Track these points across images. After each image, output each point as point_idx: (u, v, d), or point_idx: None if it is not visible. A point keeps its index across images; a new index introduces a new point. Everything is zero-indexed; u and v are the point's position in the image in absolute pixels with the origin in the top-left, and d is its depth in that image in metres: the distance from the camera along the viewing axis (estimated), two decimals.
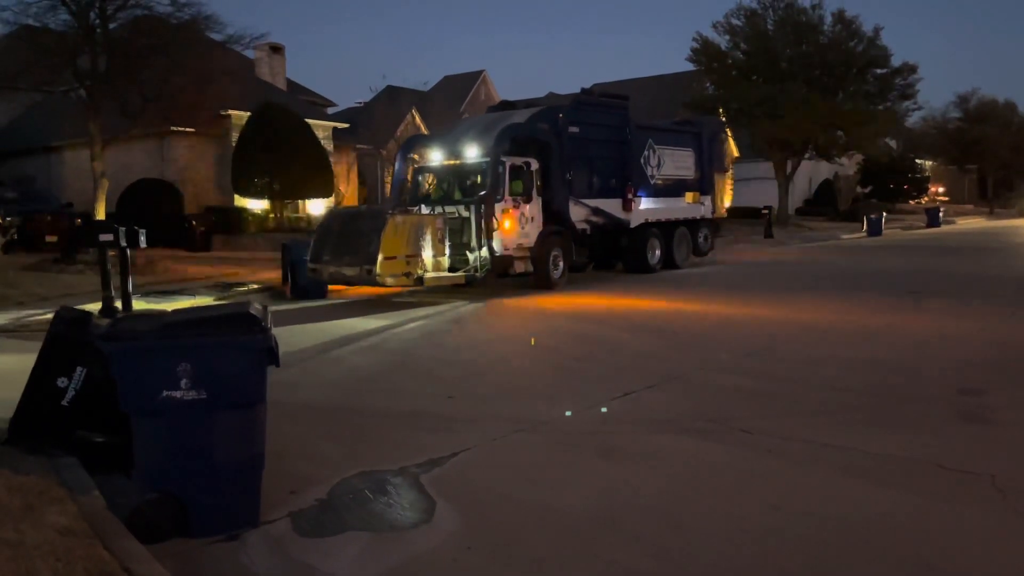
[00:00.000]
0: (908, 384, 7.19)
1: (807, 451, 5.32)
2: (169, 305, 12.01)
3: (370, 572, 3.74)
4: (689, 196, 19.64)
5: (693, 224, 19.84)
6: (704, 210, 20.20)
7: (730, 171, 23.25)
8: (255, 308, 4.33)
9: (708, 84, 38.09)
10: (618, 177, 17.38)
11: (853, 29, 36.61)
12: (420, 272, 12.92)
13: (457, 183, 15.38)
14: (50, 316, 5.30)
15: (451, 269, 13.70)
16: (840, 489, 4.65)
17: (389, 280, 12.60)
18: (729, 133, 41.06)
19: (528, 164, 15.04)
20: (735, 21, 36.93)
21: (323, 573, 3.73)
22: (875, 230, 33.23)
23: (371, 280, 12.49)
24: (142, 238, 11.79)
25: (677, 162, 19.38)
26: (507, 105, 18.63)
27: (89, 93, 18.99)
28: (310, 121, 26.40)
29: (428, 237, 13.13)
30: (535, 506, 4.46)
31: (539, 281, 15.00)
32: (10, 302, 12.52)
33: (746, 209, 36.68)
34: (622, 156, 17.52)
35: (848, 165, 47.61)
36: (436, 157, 15.75)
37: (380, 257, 12.34)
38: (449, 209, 14.32)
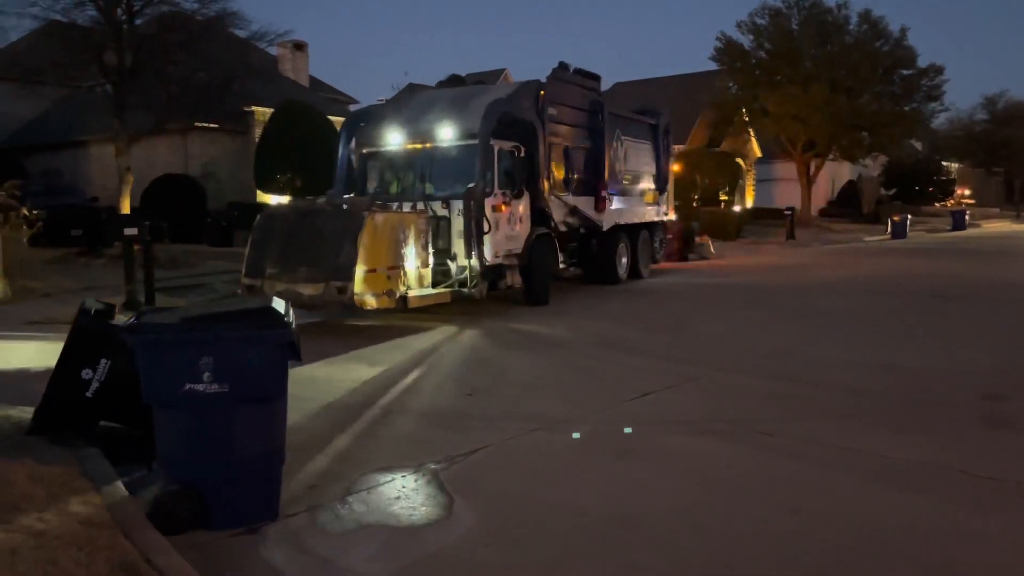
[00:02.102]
0: (931, 388, 7.11)
1: (828, 454, 5.28)
2: (191, 299, 12.12)
3: (388, 568, 3.75)
4: (649, 196, 17.53)
5: (652, 228, 17.68)
6: (661, 212, 18.17)
7: (752, 171, 22.23)
8: (277, 302, 4.36)
9: (731, 84, 37.83)
10: (590, 171, 14.81)
11: (879, 29, 36.21)
12: (403, 289, 10.03)
13: (425, 172, 12.28)
14: (75, 309, 5.36)
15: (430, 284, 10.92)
16: (861, 493, 4.60)
17: (369, 301, 9.54)
18: (752, 133, 40.91)
19: (518, 150, 12.28)
20: (759, 20, 36.65)
21: (341, 568, 3.75)
22: (899, 233, 32.88)
23: (343, 301, 9.44)
24: (165, 233, 11.90)
25: (639, 156, 17.03)
26: (458, 80, 15.47)
27: (115, 88, 19.19)
28: (332, 118, 26.52)
29: (411, 242, 10.27)
30: (553, 505, 4.46)
31: (532, 296, 12.44)
32: (36, 294, 12.69)
33: (768, 210, 36.50)
34: (595, 146, 14.91)
35: (872, 167, 47.17)
36: (394, 139, 12.44)
37: (360, 270, 9.40)
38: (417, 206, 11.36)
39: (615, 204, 15.50)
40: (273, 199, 25.67)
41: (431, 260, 10.78)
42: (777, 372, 7.79)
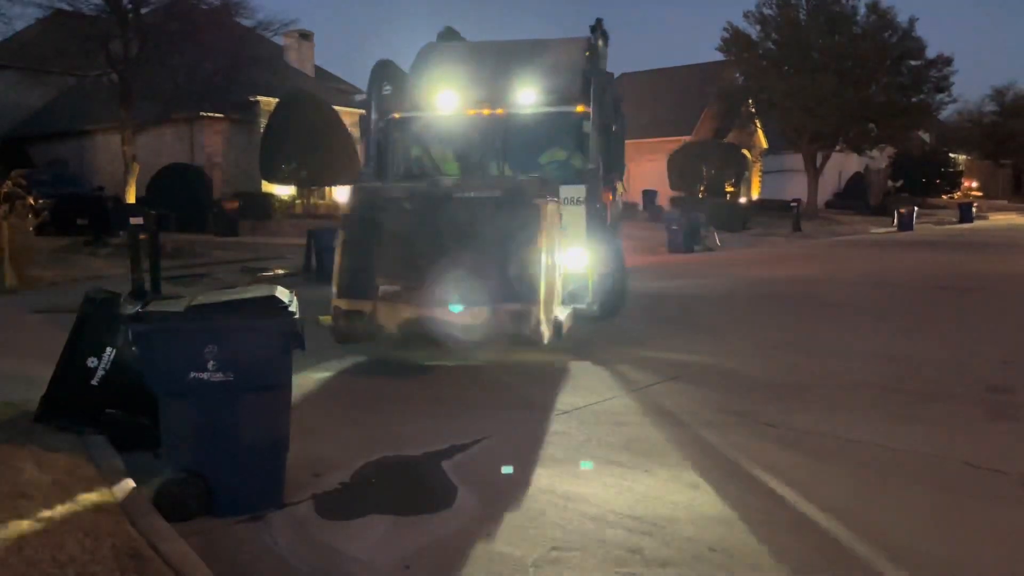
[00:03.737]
0: (936, 380, 7.10)
1: (832, 446, 5.28)
2: (197, 289, 12.16)
3: (392, 555, 3.76)
4: (620, 187, 14.86)
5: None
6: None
7: (758, 162, 21.30)
8: (281, 292, 4.37)
9: (738, 74, 37.69)
10: (604, 156, 11.69)
11: (887, 20, 36.02)
12: (556, 312, 7.21)
13: (494, 147, 9.12)
14: (81, 297, 5.38)
15: None
16: (864, 484, 4.61)
17: (545, 331, 6.70)
18: (759, 124, 40.75)
19: (609, 124, 9.49)
20: (767, 11, 36.48)
21: (345, 555, 3.77)
22: (906, 225, 32.76)
23: (522, 334, 6.63)
24: (171, 222, 11.88)
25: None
26: (454, 33, 11.64)
27: (121, 78, 19.23)
28: (338, 108, 26.54)
29: (557, 242, 7.43)
30: (555, 494, 4.47)
31: (614, 307, 9.58)
32: (42, 283, 12.74)
33: (775, 202, 36.39)
34: (604, 127, 11.90)
35: (879, 158, 46.96)
36: (442, 102, 8.99)
37: (542, 287, 6.66)
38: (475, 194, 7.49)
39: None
40: (278, 189, 25.74)
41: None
42: (782, 363, 7.79)
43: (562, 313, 7.33)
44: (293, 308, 4.21)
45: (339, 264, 7.00)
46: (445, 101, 9.01)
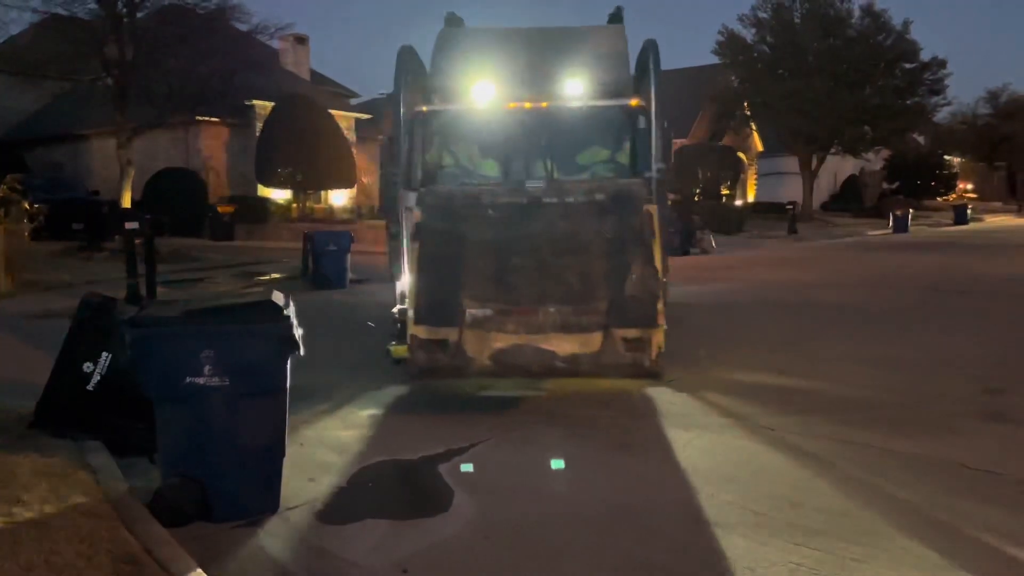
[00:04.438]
0: (933, 383, 7.10)
1: (829, 448, 5.28)
2: (192, 293, 12.14)
3: (388, 560, 3.76)
4: None
5: None
6: None
7: (754, 165, 21.51)
8: (277, 296, 4.36)
9: (733, 77, 37.78)
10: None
11: (882, 23, 36.13)
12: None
13: (539, 145, 8.01)
14: (76, 302, 5.37)
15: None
16: (861, 487, 4.61)
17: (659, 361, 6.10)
18: (754, 127, 40.83)
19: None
20: (761, 14, 36.57)
21: (341, 560, 3.76)
22: (901, 227, 32.82)
23: (638, 364, 6.01)
24: (166, 227, 11.85)
25: None
26: (457, 20, 10.04)
27: (116, 82, 19.21)
28: (333, 112, 26.58)
29: None
30: (552, 497, 4.47)
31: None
32: (37, 288, 12.70)
33: (770, 204, 36.45)
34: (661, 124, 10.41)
35: (874, 161, 47.10)
36: (480, 94, 7.71)
37: (662, 309, 6.05)
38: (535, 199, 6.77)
39: None
40: (274, 193, 25.72)
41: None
42: (779, 366, 7.78)
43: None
44: (289, 312, 4.21)
45: (415, 284, 6.15)
46: (480, 93, 7.78)
